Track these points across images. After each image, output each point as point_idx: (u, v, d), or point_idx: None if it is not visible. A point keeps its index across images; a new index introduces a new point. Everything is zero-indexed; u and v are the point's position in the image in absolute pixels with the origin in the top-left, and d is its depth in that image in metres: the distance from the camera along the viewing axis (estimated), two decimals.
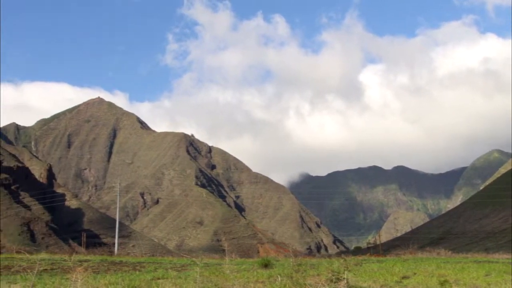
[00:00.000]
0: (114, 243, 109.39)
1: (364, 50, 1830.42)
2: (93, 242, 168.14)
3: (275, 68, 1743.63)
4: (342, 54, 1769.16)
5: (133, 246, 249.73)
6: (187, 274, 36.57)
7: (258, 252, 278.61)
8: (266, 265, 45.19)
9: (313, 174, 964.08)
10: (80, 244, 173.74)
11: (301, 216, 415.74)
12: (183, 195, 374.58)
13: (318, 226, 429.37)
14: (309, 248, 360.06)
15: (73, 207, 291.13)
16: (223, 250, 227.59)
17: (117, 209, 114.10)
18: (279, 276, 35.38)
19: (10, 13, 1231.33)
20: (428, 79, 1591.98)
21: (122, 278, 33.46)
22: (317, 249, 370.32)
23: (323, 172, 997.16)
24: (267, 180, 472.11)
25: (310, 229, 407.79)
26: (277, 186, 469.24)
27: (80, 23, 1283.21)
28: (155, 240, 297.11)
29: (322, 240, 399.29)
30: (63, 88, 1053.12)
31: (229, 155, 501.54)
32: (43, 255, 49.29)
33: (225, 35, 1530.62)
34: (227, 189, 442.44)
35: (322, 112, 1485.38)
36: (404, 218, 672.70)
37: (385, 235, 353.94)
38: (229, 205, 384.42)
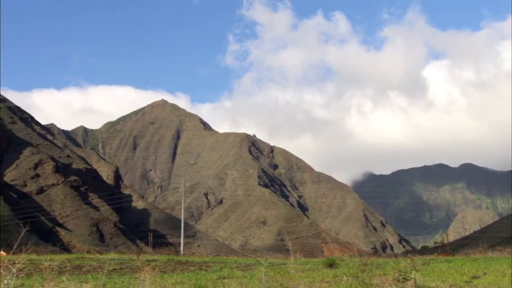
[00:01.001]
0: (179, 243, 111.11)
1: (427, 45, 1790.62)
2: (160, 242, 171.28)
3: (335, 66, 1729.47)
4: (405, 50, 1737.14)
5: (198, 246, 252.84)
6: (252, 274, 36.67)
7: (322, 251, 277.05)
8: (331, 264, 44.84)
9: (377, 172, 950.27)
10: (147, 244, 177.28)
11: (365, 215, 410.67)
12: (246, 195, 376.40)
13: (383, 225, 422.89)
14: (374, 248, 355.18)
15: (139, 207, 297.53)
16: (287, 250, 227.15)
17: (182, 210, 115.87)
18: (344, 276, 35.03)
19: (74, 17, 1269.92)
20: (495, 73, 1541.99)
21: (189, 278, 33.86)
22: (383, 248, 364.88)
23: (387, 171, 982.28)
24: (330, 179, 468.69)
25: (375, 229, 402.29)
26: (340, 185, 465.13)
27: (141, 26, 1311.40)
28: (219, 240, 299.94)
29: (387, 240, 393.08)
30: (127, 91, 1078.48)
31: (291, 154, 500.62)
32: (112, 255, 50.53)
33: (285, 34, 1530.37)
34: (289, 189, 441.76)
35: (385, 109, 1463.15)
36: (472, 216, 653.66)
37: (453, 234, 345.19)
38: (292, 205, 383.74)
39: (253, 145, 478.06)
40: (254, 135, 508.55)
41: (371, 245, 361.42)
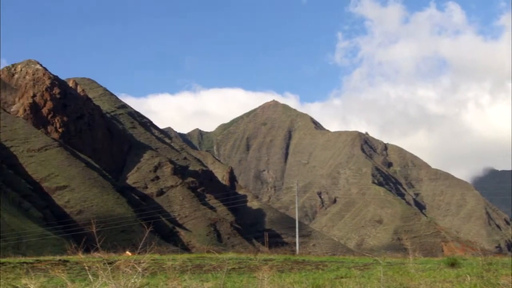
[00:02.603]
0: (295, 242, 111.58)
1: None
2: (275, 241, 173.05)
3: (450, 58, 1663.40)
4: None
5: (313, 245, 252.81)
6: (370, 273, 36.06)
7: (442, 251, 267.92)
8: (452, 264, 43.15)
9: (499, 168, 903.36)
10: (263, 244, 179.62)
11: (487, 213, 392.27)
12: (360, 193, 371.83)
13: (508, 223, 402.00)
14: (498, 247, 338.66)
15: (254, 207, 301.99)
16: (405, 249, 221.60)
17: (296, 209, 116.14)
18: (468, 275, 33.57)
19: (185, 23, 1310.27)
20: None
21: (306, 277, 33.85)
22: (508, 247, 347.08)
23: (510, 166, 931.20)
24: (447, 176, 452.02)
25: (498, 227, 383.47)
26: (459, 182, 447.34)
27: (248, 28, 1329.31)
28: (334, 239, 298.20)
29: None
30: (237, 93, 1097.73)
31: (406, 151, 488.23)
32: (230, 255, 51.60)
33: (396, 28, 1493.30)
34: (405, 187, 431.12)
35: (504, 102, 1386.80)
36: None
37: None
38: (408, 203, 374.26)
39: (366, 143, 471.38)
40: (367, 133, 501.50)
41: (494, 244, 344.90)
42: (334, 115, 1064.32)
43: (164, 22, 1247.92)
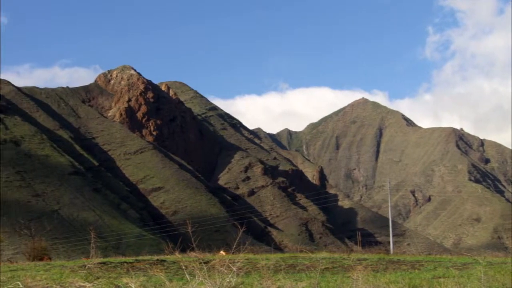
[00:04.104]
0: (388, 242, 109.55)
1: None
2: (368, 241, 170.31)
3: None
4: None
5: (408, 244, 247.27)
6: (469, 273, 34.81)
7: None
8: None
9: None
10: (355, 243, 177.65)
11: None
12: (456, 191, 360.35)
13: None
14: None
15: (345, 207, 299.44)
16: (506, 248, 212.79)
17: (389, 208, 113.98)
18: None
19: (268, 21, 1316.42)
20: None
21: (402, 277, 33.15)
22: None
23: None
24: None
25: None
26: None
27: (331, 25, 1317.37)
28: (430, 238, 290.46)
29: None
30: (324, 92, 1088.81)
31: (504, 147, 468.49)
32: (323, 254, 51.37)
33: (489, 20, 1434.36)
34: (504, 184, 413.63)
35: None
36: None
37: None
38: (508, 201, 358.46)
39: (461, 139, 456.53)
40: (462, 129, 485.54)
41: None
42: (425, 111, 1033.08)
43: (248, 21, 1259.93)
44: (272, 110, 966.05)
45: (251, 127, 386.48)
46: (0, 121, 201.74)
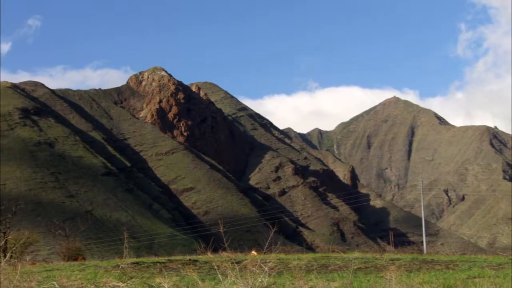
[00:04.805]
0: (421, 242, 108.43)
1: None
2: (401, 240, 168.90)
3: None
4: None
5: (441, 244, 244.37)
6: (505, 273, 34.20)
7: None
8: None
9: None
10: (388, 243, 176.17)
11: None
12: (490, 190, 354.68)
13: None
14: None
15: (377, 206, 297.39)
16: None
17: (422, 208, 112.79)
18: None
19: (295, 20, 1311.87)
20: None
21: (436, 277, 32.73)
22: None
23: None
24: None
25: None
26: None
27: (359, 23, 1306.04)
28: (464, 238, 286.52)
29: None
30: (354, 91, 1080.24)
31: None
32: (356, 254, 50.98)
33: None
34: None
35: None
36: None
37: None
38: None
39: (495, 138, 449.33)
40: (496, 127, 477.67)
41: None
42: (457, 109, 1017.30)
43: (276, 20, 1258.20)
44: (301, 109, 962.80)
45: (281, 127, 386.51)
46: (35, 123, 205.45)
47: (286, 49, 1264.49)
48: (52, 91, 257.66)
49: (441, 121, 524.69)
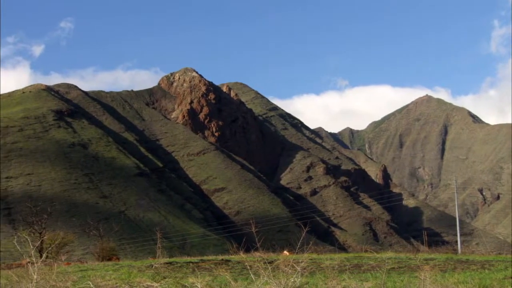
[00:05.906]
0: (456, 241, 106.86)
1: None
2: (434, 240, 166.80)
3: None
4: None
5: (476, 244, 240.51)
6: None
7: None
8: None
9: None
10: (421, 243, 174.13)
11: None
12: None
13: None
14: None
15: (410, 206, 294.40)
16: None
17: (456, 207, 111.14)
18: None
19: (323, 19, 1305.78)
20: None
21: (471, 277, 32.27)
22: None
23: None
24: None
25: None
26: None
27: (389, 22, 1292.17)
28: (500, 237, 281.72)
29: None
30: (385, 90, 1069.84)
31: None
32: (389, 254, 50.54)
33: None
34: None
35: None
36: None
37: None
38: None
39: None
40: None
41: None
42: (490, 107, 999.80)
43: (304, 19, 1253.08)
44: (331, 109, 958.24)
45: (311, 127, 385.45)
46: (68, 125, 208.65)
47: (314, 48, 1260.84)
48: (85, 93, 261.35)
49: (475, 119, 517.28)
